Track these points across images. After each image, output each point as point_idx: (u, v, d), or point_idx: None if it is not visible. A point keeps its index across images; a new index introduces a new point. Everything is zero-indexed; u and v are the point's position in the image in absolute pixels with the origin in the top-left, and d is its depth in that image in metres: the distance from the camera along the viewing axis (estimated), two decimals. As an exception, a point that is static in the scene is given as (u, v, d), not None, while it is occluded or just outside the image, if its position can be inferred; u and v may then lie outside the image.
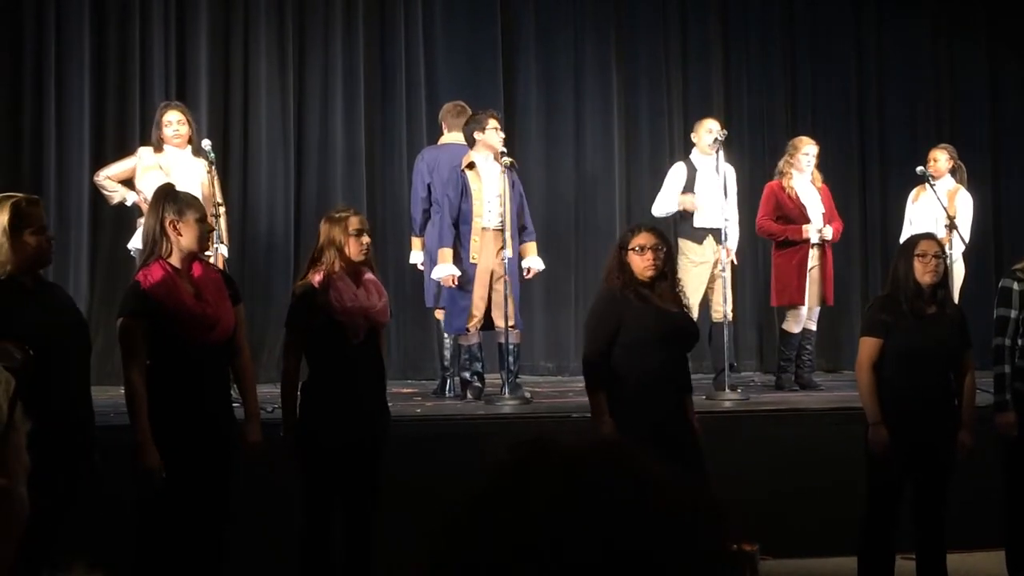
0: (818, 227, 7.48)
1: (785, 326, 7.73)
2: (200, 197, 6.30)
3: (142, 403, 4.13)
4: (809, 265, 7.52)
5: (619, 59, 9.35)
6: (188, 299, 4.21)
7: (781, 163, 7.71)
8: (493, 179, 6.78)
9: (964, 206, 7.69)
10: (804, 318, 7.61)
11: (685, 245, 7.31)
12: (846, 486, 5.23)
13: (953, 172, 7.75)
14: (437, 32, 9.05)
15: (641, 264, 4.68)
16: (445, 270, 6.73)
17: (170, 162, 6.47)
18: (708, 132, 7.44)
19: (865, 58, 9.79)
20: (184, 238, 4.24)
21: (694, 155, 7.53)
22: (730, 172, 7.40)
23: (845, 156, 9.42)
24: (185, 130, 6.52)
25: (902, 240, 7.70)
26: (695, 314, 5.93)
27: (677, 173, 7.50)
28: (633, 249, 4.70)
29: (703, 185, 7.37)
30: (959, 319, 4.92)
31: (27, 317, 3.79)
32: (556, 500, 0.88)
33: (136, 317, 4.18)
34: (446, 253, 6.74)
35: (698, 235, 7.34)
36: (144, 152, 6.60)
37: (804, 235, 7.46)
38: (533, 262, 6.96)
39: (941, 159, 7.72)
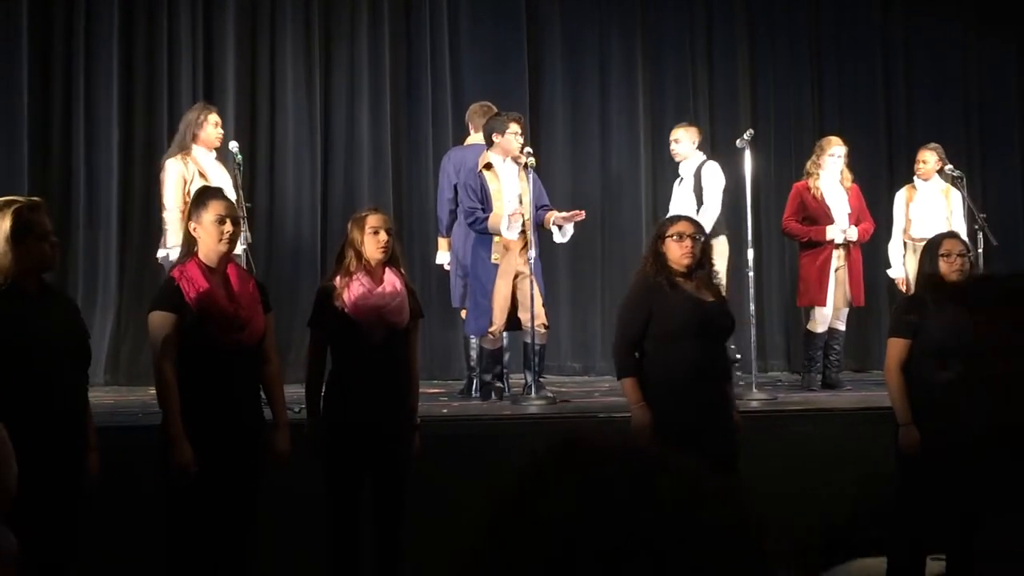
0: (842, 228, 7.43)
1: (809, 326, 7.69)
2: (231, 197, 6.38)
3: (174, 398, 4.14)
4: (834, 266, 7.48)
5: (645, 59, 9.33)
6: (220, 298, 4.23)
7: (809, 163, 7.69)
8: (511, 180, 6.79)
9: (956, 205, 7.62)
10: (828, 318, 7.57)
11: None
12: (873, 486, 5.20)
13: (940, 171, 7.68)
14: (463, 32, 9.06)
15: (678, 252, 4.67)
16: (506, 217, 6.60)
17: (202, 164, 6.50)
18: (673, 141, 7.53)
19: (892, 56, 9.74)
20: (203, 240, 4.28)
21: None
22: (708, 169, 7.34)
23: (872, 155, 9.36)
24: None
25: (892, 243, 7.73)
26: None
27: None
28: (671, 237, 4.70)
29: (678, 194, 7.47)
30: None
31: (28, 325, 3.77)
32: (583, 498, 0.88)
33: (169, 311, 4.20)
34: (494, 216, 6.65)
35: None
36: (171, 165, 6.47)
37: (827, 236, 7.42)
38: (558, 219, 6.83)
39: (931, 160, 7.61)
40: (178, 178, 6.38)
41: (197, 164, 6.45)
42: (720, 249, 7.11)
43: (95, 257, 8.13)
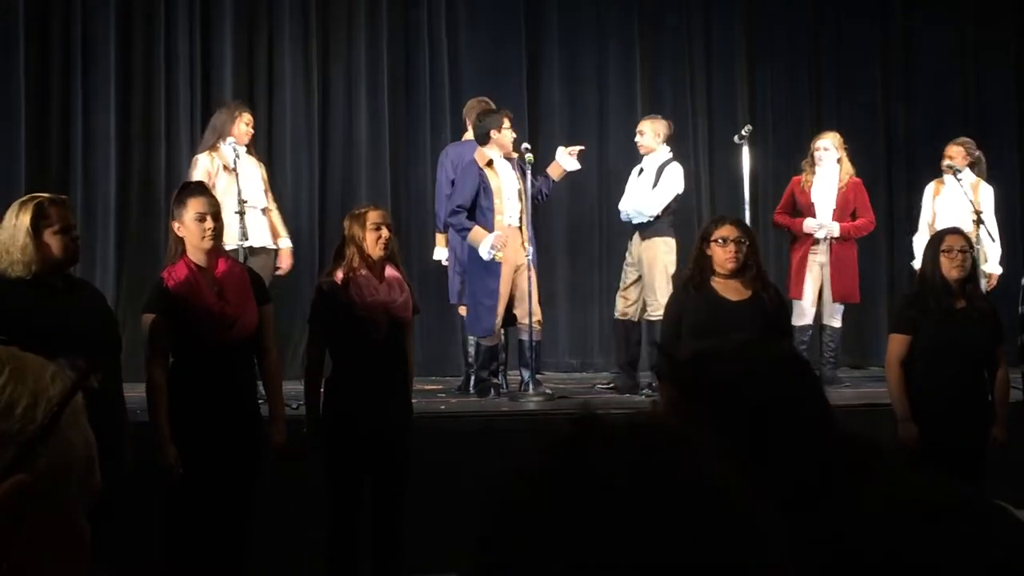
0: (820, 223, 7.40)
1: (792, 320, 7.64)
2: (260, 192, 6.60)
3: (162, 399, 4.16)
4: (819, 261, 7.46)
5: (643, 56, 9.32)
6: (209, 297, 4.22)
7: (805, 160, 7.69)
8: (509, 177, 6.80)
9: (987, 200, 7.58)
10: (807, 312, 7.51)
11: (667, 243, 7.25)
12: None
13: (972, 165, 7.65)
14: (461, 29, 9.05)
15: (723, 256, 4.67)
16: (490, 239, 6.61)
17: (228, 159, 6.53)
18: (639, 133, 7.44)
19: (891, 52, 9.73)
20: (187, 238, 4.27)
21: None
22: (669, 172, 7.31)
23: (871, 151, 9.35)
24: None
25: (917, 236, 7.69)
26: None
27: (631, 175, 7.53)
28: (716, 241, 4.69)
29: (636, 185, 7.40)
30: (990, 314, 4.88)
31: (51, 317, 3.79)
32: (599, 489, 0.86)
33: (158, 314, 4.21)
34: (479, 230, 6.66)
35: (631, 231, 7.36)
36: (199, 161, 6.62)
37: (804, 229, 7.39)
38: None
39: (957, 156, 7.59)
40: (203, 173, 6.46)
41: (223, 159, 6.52)
42: (665, 249, 7.10)
43: (92, 253, 8.11)
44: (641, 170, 7.41)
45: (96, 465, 1.08)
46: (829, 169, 7.51)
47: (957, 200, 7.44)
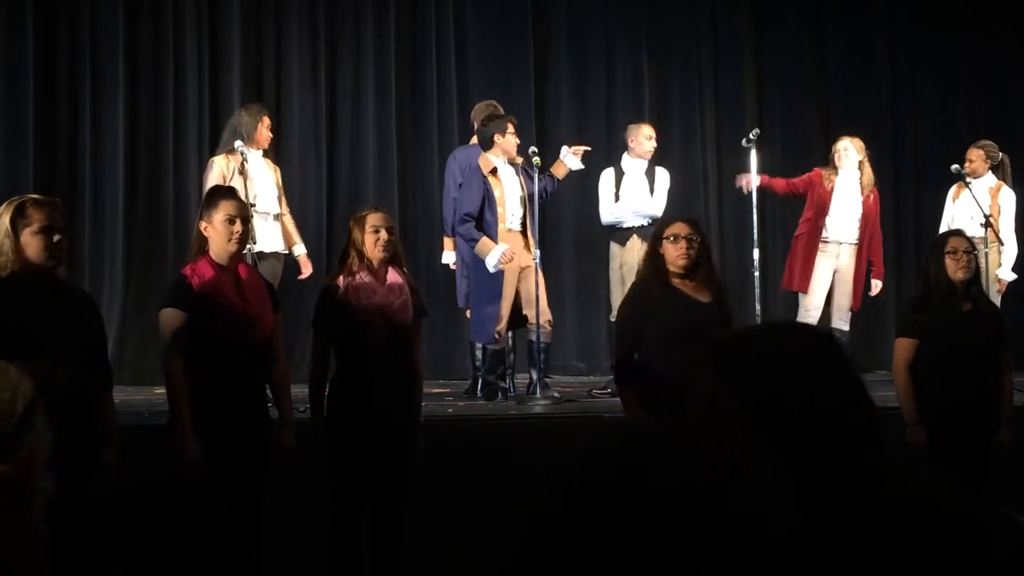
0: (847, 237, 7.39)
1: (797, 317, 7.62)
2: (274, 197, 6.62)
3: (183, 395, 4.14)
4: (833, 265, 7.45)
5: (650, 59, 9.32)
6: (231, 296, 4.24)
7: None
8: (512, 183, 6.81)
9: (1007, 204, 7.54)
10: (813, 313, 7.49)
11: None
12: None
13: (995, 169, 7.62)
14: (469, 31, 9.06)
15: (674, 253, 4.65)
16: (498, 251, 6.64)
17: (247, 164, 6.55)
18: (648, 139, 7.42)
19: (897, 54, 9.72)
20: (213, 239, 4.28)
21: (624, 160, 7.49)
22: (662, 174, 7.36)
23: (878, 153, 9.30)
24: None
25: None
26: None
27: (605, 179, 7.49)
28: (667, 238, 4.68)
29: (630, 188, 7.37)
30: (995, 316, 4.88)
31: (26, 318, 3.75)
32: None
33: (180, 308, 4.20)
34: (487, 241, 6.69)
35: (622, 236, 7.35)
36: (215, 163, 6.63)
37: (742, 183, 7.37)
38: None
39: (976, 159, 7.58)
40: (218, 175, 6.48)
41: (238, 162, 6.52)
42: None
43: (101, 257, 8.14)
44: (622, 174, 7.40)
45: (50, 467, 1.08)
46: (850, 172, 7.48)
47: (970, 203, 7.44)
